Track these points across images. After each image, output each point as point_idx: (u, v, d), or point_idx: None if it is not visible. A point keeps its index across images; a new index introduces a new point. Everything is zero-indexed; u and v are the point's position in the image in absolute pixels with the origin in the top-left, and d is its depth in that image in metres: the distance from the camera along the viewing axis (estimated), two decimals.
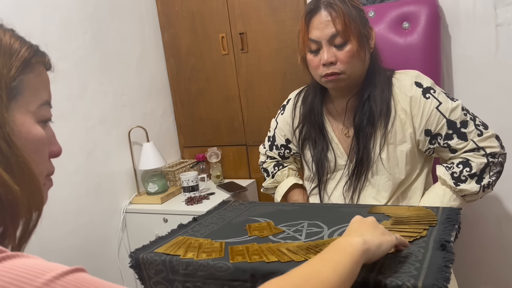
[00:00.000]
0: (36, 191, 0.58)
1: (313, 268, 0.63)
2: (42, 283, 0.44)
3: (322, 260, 0.66)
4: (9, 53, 0.58)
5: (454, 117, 1.25)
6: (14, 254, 0.47)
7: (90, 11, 2.08)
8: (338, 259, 0.66)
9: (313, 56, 1.28)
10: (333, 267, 0.64)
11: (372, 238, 0.75)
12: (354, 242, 0.71)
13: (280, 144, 1.55)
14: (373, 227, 0.79)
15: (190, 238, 1.07)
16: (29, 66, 0.60)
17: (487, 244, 1.97)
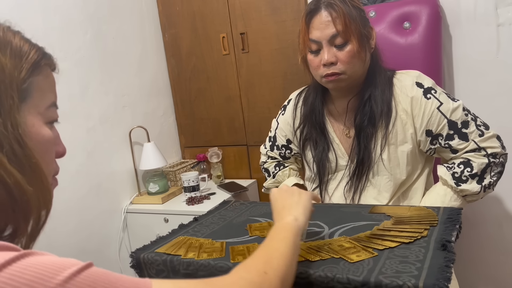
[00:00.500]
0: (46, 191, 0.60)
1: (270, 246, 0.74)
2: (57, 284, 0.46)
3: (273, 239, 0.77)
4: (19, 55, 0.59)
5: (455, 117, 1.25)
6: (27, 252, 0.49)
7: (90, 11, 2.08)
8: (284, 236, 0.78)
9: (314, 57, 1.28)
10: (283, 242, 0.75)
11: (297, 211, 0.86)
12: (288, 222, 0.82)
13: (281, 144, 1.55)
14: (290, 196, 0.90)
15: (191, 238, 1.07)
16: (38, 68, 0.61)
17: (488, 244, 1.97)
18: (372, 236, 0.95)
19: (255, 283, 0.63)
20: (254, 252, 0.72)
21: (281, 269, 0.68)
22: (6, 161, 0.55)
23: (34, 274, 0.46)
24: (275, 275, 0.66)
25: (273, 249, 0.73)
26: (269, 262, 0.69)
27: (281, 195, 0.92)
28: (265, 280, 0.64)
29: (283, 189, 0.94)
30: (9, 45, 0.59)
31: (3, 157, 0.54)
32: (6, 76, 0.57)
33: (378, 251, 0.87)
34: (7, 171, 0.54)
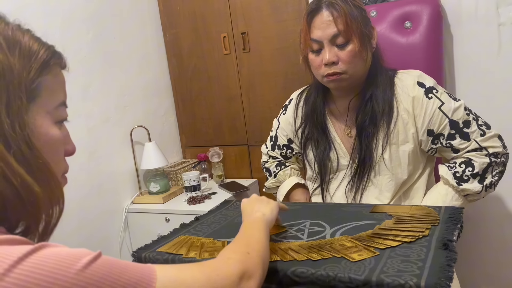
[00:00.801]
0: (56, 190, 0.61)
1: (247, 234, 0.84)
2: (74, 273, 0.48)
3: (247, 229, 0.86)
4: (29, 55, 0.59)
5: (456, 117, 1.25)
6: (42, 244, 0.50)
7: (92, 11, 2.08)
8: (255, 225, 0.87)
9: (315, 56, 1.28)
10: (257, 230, 0.85)
11: (265, 210, 0.95)
12: (258, 217, 0.91)
13: (282, 144, 1.55)
14: (259, 202, 0.99)
15: (192, 237, 1.07)
16: (47, 68, 0.61)
17: (489, 243, 1.97)
18: (373, 235, 0.95)
19: (242, 261, 0.70)
20: (233, 240, 0.81)
21: (259, 251, 0.77)
22: (14, 161, 0.55)
23: (52, 264, 0.48)
24: (256, 255, 0.75)
25: (249, 235, 0.83)
26: (250, 244, 0.78)
27: (250, 201, 1.01)
28: (249, 259, 0.72)
29: (253, 197, 1.03)
30: (18, 44, 0.59)
31: (11, 158, 0.55)
32: (14, 77, 0.56)
33: (379, 250, 0.87)
34: (14, 172, 0.55)
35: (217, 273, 0.63)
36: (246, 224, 0.89)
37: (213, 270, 0.64)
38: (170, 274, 0.59)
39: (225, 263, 0.67)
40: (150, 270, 0.57)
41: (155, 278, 0.56)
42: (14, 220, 0.57)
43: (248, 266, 0.70)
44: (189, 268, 0.62)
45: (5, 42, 0.58)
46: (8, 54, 0.57)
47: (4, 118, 0.55)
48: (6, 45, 0.57)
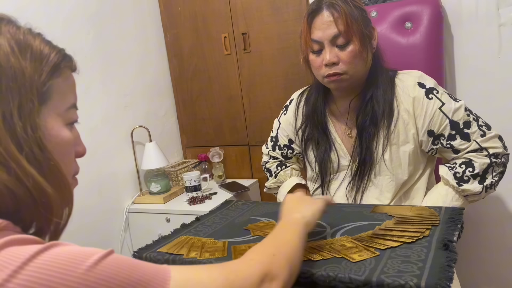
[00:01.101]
0: (67, 191, 0.62)
1: (277, 235, 0.79)
2: (85, 269, 0.49)
3: (280, 230, 0.82)
4: (40, 58, 0.60)
5: (457, 117, 1.25)
6: (53, 243, 0.51)
7: (92, 11, 2.08)
8: (290, 227, 0.82)
9: (316, 57, 1.28)
10: (290, 233, 0.80)
11: (307, 212, 0.88)
12: (296, 218, 0.86)
13: (283, 144, 1.55)
14: (302, 202, 0.93)
15: (193, 237, 1.07)
16: (58, 71, 0.62)
17: (489, 243, 1.97)
18: (374, 235, 0.95)
19: (264, 263, 0.67)
20: (262, 240, 0.77)
21: (288, 254, 0.72)
22: (26, 163, 0.56)
23: (63, 262, 0.49)
24: (282, 258, 0.70)
25: (280, 237, 0.78)
26: (277, 247, 0.73)
27: (293, 200, 0.95)
28: (274, 261, 0.68)
29: (297, 195, 0.98)
30: (29, 48, 0.59)
31: (23, 159, 0.56)
32: (26, 80, 0.57)
33: (380, 250, 0.88)
34: (26, 173, 0.56)
35: (236, 274, 0.62)
36: (281, 224, 0.85)
37: (232, 271, 0.62)
38: (186, 274, 0.58)
39: (246, 264, 0.65)
40: (164, 270, 0.56)
41: (169, 278, 0.55)
42: (28, 221, 0.58)
43: (272, 268, 0.66)
44: (207, 268, 0.61)
45: (17, 46, 0.58)
46: (20, 57, 0.58)
47: (17, 120, 0.56)
48: (18, 48, 0.58)
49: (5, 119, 0.55)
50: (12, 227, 0.55)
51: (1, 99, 0.56)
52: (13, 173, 0.55)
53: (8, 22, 0.62)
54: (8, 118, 0.56)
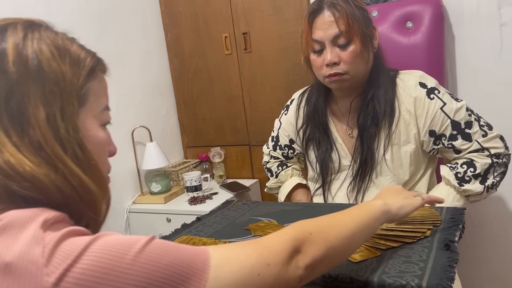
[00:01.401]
0: (106, 189, 0.67)
1: (335, 219, 0.76)
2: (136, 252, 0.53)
3: (344, 213, 0.78)
4: (78, 63, 0.63)
5: (458, 117, 1.24)
6: (102, 234, 0.55)
7: (93, 11, 2.08)
8: (358, 213, 0.79)
9: (317, 57, 1.28)
10: (351, 218, 0.77)
11: (394, 201, 0.86)
12: (375, 203, 0.83)
13: (283, 144, 1.55)
14: (397, 193, 0.91)
15: (194, 237, 1.07)
16: (94, 74, 0.66)
17: (491, 244, 1.97)
18: (375, 236, 0.95)
19: (297, 239, 0.66)
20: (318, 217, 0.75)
21: (331, 237, 0.70)
22: (71, 163, 0.60)
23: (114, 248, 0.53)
24: (319, 237, 0.69)
25: (334, 219, 0.76)
26: (320, 226, 0.71)
27: (392, 190, 0.94)
28: (307, 239, 0.67)
29: (395, 187, 0.96)
30: (68, 53, 0.63)
31: (68, 160, 0.59)
32: (67, 84, 0.61)
33: (381, 251, 0.87)
34: (73, 173, 0.59)
35: (269, 249, 0.63)
36: (353, 208, 0.82)
37: (266, 246, 0.63)
38: (223, 252, 0.60)
39: (280, 239, 0.66)
40: (204, 249, 0.59)
41: (209, 256, 0.58)
42: (76, 217, 0.62)
43: (302, 245, 0.66)
44: (241, 245, 0.63)
45: (57, 51, 0.61)
46: (60, 62, 0.61)
47: (60, 122, 0.59)
48: (58, 54, 0.61)
49: (50, 121, 0.58)
50: (68, 219, 0.59)
51: (45, 102, 0.59)
52: (60, 172, 0.58)
53: (47, 27, 0.64)
54: (52, 120, 0.59)
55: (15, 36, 0.60)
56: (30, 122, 0.58)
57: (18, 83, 0.58)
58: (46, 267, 0.50)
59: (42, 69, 0.59)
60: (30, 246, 0.51)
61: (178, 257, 0.56)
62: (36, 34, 0.62)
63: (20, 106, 0.58)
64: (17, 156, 0.57)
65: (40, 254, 0.51)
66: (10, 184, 0.56)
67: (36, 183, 0.57)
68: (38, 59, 0.59)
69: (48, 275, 0.49)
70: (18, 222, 0.54)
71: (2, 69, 0.58)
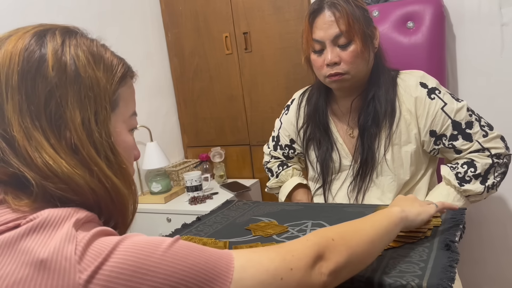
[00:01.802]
0: (134, 191, 0.69)
1: (355, 225, 0.77)
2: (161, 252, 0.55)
3: (363, 220, 0.80)
4: (111, 69, 0.66)
5: (459, 118, 1.24)
6: (126, 235, 0.57)
7: (94, 11, 2.08)
8: (377, 219, 0.80)
9: (317, 56, 1.28)
10: (371, 224, 0.78)
11: (410, 209, 0.88)
12: (394, 209, 0.85)
13: (284, 144, 1.55)
14: (412, 201, 0.93)
15: (194, 237, 1.07)
16: (124, 80, 0.69)
17: (491, 244, 1.97)
18: None
19: (320, 244, 0.67)
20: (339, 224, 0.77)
21: (352, 243, 0.71)
22: (105, 167, 0.62)
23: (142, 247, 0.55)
24: (341, 244, 0.70)
25: (355, 225, 0.77)
26: (342, 233, 0.72)
27: (404, 197, 0.96)
28: (330, 245, 0.68)
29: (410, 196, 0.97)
30: (102, 60, 0.65)
31: (102, 163, 0.62)
32: (101, 89, 0.63)
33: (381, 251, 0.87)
34: (106, 176, 0.62)
35: (292, 254, 0.64)
36: (371, 215, 0.84)
37: (289, 251, 0.64)
38: (246, 255, 0.61)
39: (303, 245, 0.66)
40: (228, 252, 0.60)
41: (232, 259, 0.59)
42: (105, 217, 0.65)
43: (326, 251, 0.67)
44: (265, 249, 0.64)
45: (92, 57, 0.64)
46: (95, 68, 0.64)
47: (94, 126, 0.62)
48: (93, 60, 0.64)
49: (85, 125, 0.61)
50: (98, 220, 0.62)
51: (81, 107, 0.61)
52: (94, 174, 0.61)
53: (82, 34, 0.67)
54: (87, 124, 0.61)
55: (54, 42, 0.62)
56: (68, 125, 0.60)
57: (57, 88, 0.60)
58: (79, 264, 0.52)
59: (79, 75, 0.61)
60: (64, 243, 0.53)
61: (203, 257, 0.57)
62: (73, 41, 0.64)
63: (58, 109, 0.60)
64: (55, 157, 0.59)
65: (73, 251, 0.53)
66: (46, 185, 0.58)
67: (72, 184, 0.59)
68: (75, 64, 0.62)
69: (81, 272, 0.52)
70: (53, 221, 0.56)
71: (42, 73, 0.60)
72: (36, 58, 0.60)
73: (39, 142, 0.59)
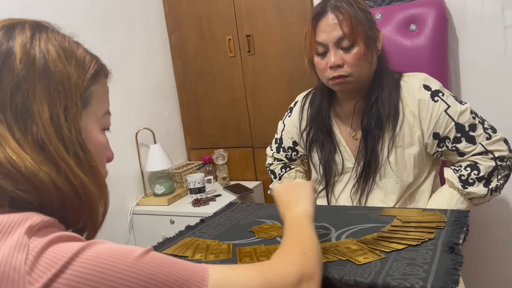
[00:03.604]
0: (105, 192, 0.67)
1: (297, 232, 0.79)
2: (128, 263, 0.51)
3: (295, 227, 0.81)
4: (83, 65, 0.65)
5: (462, 120, 1.24)
6: (94, 241, 0.54)
7: (98, 14, 2.09)
8: (303, 223, 0.81)
9: (320, 59, 1.28)
10: (306, 228, 0.80)
11: (306, 203, 0.88)
12: (301, 212, 0.85)
13: (287, 146, 1.55)
14: (295, 192, 0.92)
15: (198, 239, 1.07)
16: (97, 78, 0.67)
17: (495, 246, 1.96)
18: (379, 238, 0.95)
19: (298, 263, 0.68)
20: (284, 240, 0.77)
21: (314, 249, 0.73)
22: (73, 163, 0.60)
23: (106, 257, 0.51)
24: (312, 254, 0.71)
25: (300, 234, 0.78)
26: (303, 244, 0.74)
27: (285, 189, 0.94)
28: (306, 259, 0.69)
29: (286, 183, 0.97)
30: (74, 55, 0.64)
31: (70, 160, 0.60)
32: (71, 85, 0.62)
33: (385, 253, 0.87)
34: (74, 173, 0.60)
35: (273, 273, 0.62)
36: (291, 220, 0.84)
37: (269, 270, 0.63)
38: (224, 272, 0.59)
39: (282, 264, 0.66)
40: (202, 268, 0.58)
41: (207, 276, 0.57)
42: (71, 219, 0.61)
43: (307, 267, 0.67)
44: (244, 267, 0.63)
45: (63, 52, 0.63)
46: (66, 63, 0.62)
47: (63, 122, 0.60)
48: (64, 55, 0.62)
49: (53, 120, 0.59)
50: (58, 224, 0.58)
51: (50, 102, 0.59)
52: (62, 172, 0.58)
53: (53, 29, 0.65)
54: (56, 119, 0.59)
55: (23, 35, 0.61)
56: (34, 120, 0.58)
57: (24, 81, 0.58)
58: (29, 275, 0.48)
59: (48, 69, 0.60)
60: (14, 252, 0.50)
61: (174, 272, 0.55)
62: (44, 35, 0.62)
63: (24, 103, 0.58)
64: (19, 152, 0.56)
65: (23, 261, 0.49)
66: (4, 184, 0.55)
67: (36, 181, 0.56)
68: (45, 58, 0.60)
69: (31, 284, 0.48)
70: (3, 228, 0.53)
71: (9, 66, 0.58)
72: (3, 50, 0.59)
73: (3, 136, 0.56)
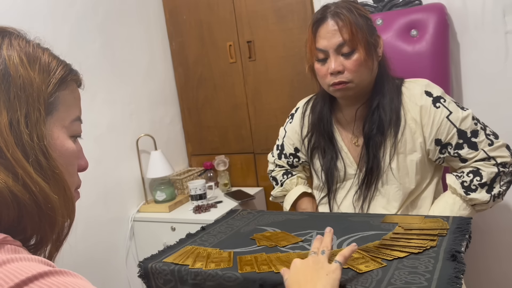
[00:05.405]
0: (69, 201, 0.63)
1: None
2: None
3: None
4: (48, 70, 0.62)
5: (464, 126, 1.24)
6: (63, 270, 0.51)
7: (98, 20, 2.09)
8: None
9: (321, 65, 1.28)
10: None
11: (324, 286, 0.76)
12: None
13: (288, 152, 1.54)
14: (316, 271, 0.79)
15: (199, 247, 1.06)
16: (64, 83, 0.64)
17: (497, 253, 1.95)
18: (380, 246, 0.94)
19: None
20: None
21: None
22: (32, 170, 0.57)
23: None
24: None
25: None
26: None
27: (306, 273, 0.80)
28: None
29: (310, 265, 0.82)
30: (38, 60, 0.62)
31: (29, 167, 0.57)
32: (34, 90, 0.59)
33: (387, 261, 0.87)
34: (33, 180, 0.57)
35: None
36: None
37: None
38: None
39: None
40: None
41: None
42: (29, 231, 0.59)
43: None
44: None
45: (26, 57, 0.61)
46: (29, 68, 0.60)
47: (23, 128, 0.57)
48: (27, 60, 0.61)
49: (12, 126, 0.57)
50: (12, 240, 0.55)
51: (9, 107, 0.57)
52: (20, 179, 0.56)
53: (18, 35, 0.63)
54: (15, 125, 0.57)
55: None
56: None
57: None
58: None
59: (8, 74, 0.58)
60: None
61: None
62: (6, 41, 0.61)
63: None
64: None
65: None
66: None
67: None
68: (5, 64, 0.59)
69: None
70: None
71: None
72: None
73: None
